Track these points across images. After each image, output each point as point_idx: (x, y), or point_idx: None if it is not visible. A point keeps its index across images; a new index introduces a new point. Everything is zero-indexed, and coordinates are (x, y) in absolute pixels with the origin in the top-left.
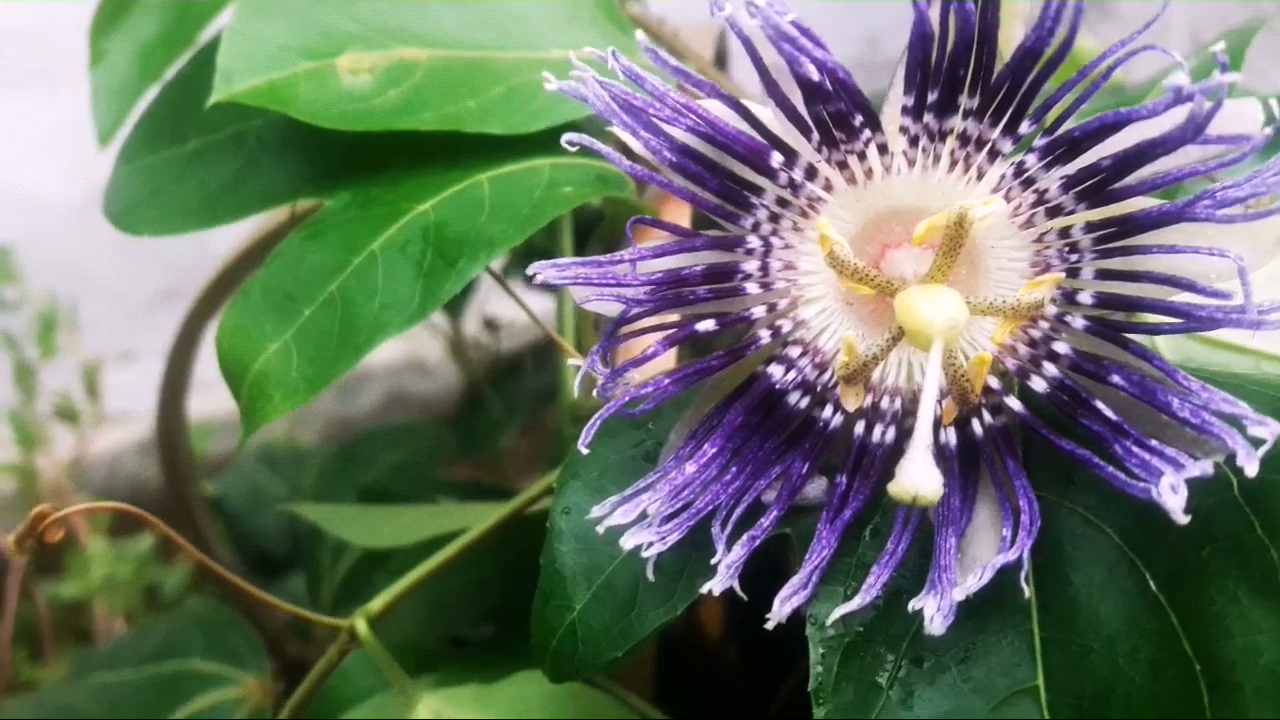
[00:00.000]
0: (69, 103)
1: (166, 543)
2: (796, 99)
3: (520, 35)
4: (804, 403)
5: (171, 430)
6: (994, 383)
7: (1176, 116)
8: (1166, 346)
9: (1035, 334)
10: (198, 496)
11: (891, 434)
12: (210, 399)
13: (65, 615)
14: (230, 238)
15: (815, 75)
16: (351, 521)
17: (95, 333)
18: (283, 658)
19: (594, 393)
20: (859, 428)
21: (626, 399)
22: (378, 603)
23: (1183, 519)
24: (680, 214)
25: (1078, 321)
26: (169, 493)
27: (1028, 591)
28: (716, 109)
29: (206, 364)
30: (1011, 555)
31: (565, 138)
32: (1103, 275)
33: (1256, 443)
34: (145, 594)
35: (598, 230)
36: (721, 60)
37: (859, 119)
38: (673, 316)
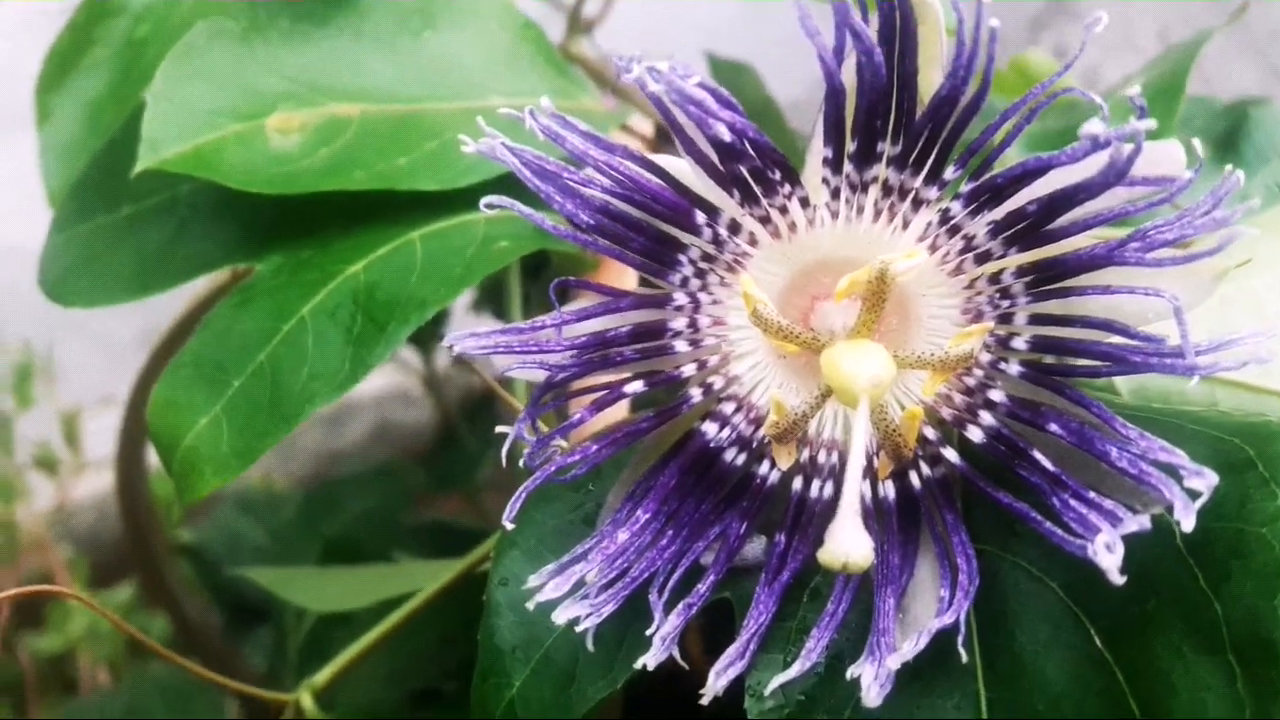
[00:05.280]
0: None
1: (148, 591)
2: (714, 156)
3: (457, 83)
4: (740, 459)
5: (132, 481)
6: (931, 433)
7: (1099, 161)
8: (1122, 378)
9: (970, 382)
10: (164, 547)
11: (830, 489)
12: None
13: (50, 667)
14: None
15: (727, 136)
16: (304, 585)
17: (77, 375)
18: (255, 709)
19: (520, 462)
20: (797, 483)
21: (554, 468)
22: (323, 675)
23: (1118, 579)
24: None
25: (1013, 368)
26: (133, 545)
27: (965, 657)
28: (635, 168)
29: None
30: (948, 619)
31: (484, 201)
32: (1037, 320)
33: (1194, 494)
34: (128, 644)
35: (538, 280)
36: None
37: (776, 174)
38: (601, 379)
